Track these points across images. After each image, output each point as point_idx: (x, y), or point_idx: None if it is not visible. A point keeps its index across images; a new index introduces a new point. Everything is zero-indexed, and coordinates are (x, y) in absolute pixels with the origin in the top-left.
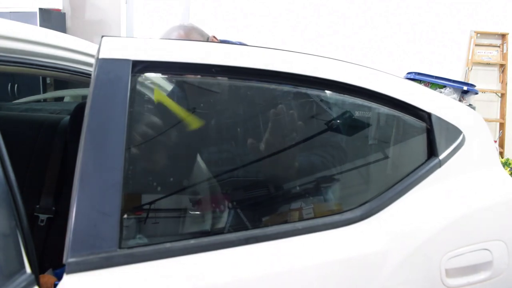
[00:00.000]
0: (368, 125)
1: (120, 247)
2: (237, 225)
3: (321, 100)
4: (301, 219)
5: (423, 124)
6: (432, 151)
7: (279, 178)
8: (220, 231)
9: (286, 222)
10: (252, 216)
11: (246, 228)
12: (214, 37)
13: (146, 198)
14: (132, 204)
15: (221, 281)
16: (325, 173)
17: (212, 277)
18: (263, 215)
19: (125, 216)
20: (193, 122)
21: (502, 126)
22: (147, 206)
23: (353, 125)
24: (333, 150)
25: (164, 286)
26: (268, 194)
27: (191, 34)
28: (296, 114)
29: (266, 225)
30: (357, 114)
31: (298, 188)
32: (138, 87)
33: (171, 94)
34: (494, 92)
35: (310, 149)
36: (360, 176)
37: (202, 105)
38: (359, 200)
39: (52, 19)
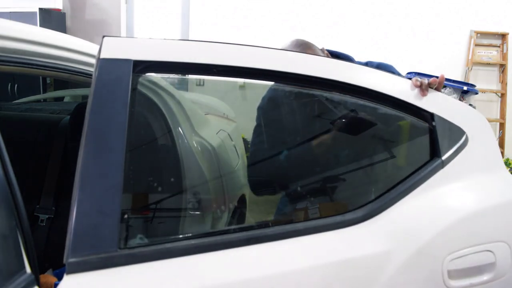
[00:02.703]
0: (371, 125)
1: (120, 248)
2: (238, 226)
3: (324, 100)
4: (303, 219)
5: (426, 125)
6: (435, 152)
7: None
8: (221, 232)
9: (289, 222)
10: (253, 216)
11: (248, 229)
12: (324, 49)
13: (146, 199)
14: (132, 204)
15: (222, 282)
16: (328, 173)
17: (212, 278)
18: (265, 215)
19: (126, 216)
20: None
21: (502, 126)
22: (147, 207)
23: (355, 126)
24: (335, 150)
25: (164, 287)
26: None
27: (315, 52)
28: (297, 114)
29: (268, 226)
30: (360, 114)
31: (299, 188)
32: (139, 87)
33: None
34: (494, 92)
35: (311, 149)
36: (363, 176)
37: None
38: (361, 200)
39: (52, 19)
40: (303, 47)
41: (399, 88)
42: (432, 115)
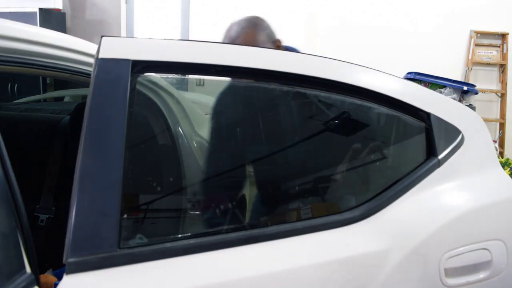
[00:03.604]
0: (368, 125)
1: (120, 247)
2: (237, 225)
3: (321, 100)
4: (300, 219)
5: (422, 124)
6: (431, 151)
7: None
8: (220, 231)
9: (285, 222)
10: (251, 216)
11: (246, 228)
12: (279, 41)
13: (146, 198)
14: (132, 204)
15: (221, 281)
16: (324, 173)
17: (212, 277)
18: (261, 215)
19: (125, 216)
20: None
21: (502, 126)
22: (147, 206)
23: (352, 125)
24: (333, 150)
25: (164, 286)
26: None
27: (257, 34)
28: (294, 114)
29: (266, 225)
30: (356, 114)
31: (297, 188)
32: (138, 87)
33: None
34: (494, 92)
35: (310, 149)
36: (360, 175)
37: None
38: (358, 199)
39: (52, 19)
40: (247, 26)
41: (396, 88)
42: (428, 115)
